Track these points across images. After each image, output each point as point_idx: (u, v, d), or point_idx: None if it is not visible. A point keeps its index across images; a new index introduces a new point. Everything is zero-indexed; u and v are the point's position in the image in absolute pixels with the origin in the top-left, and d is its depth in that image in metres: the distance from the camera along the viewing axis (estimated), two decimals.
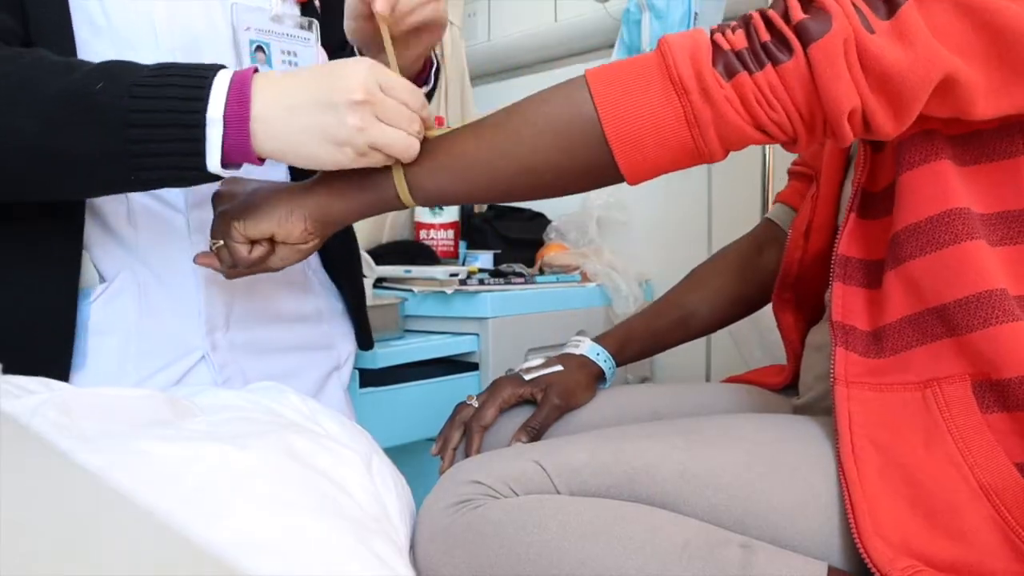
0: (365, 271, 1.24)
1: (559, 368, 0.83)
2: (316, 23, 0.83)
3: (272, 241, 0.66)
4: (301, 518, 0.42)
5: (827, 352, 0.74)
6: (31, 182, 0.59)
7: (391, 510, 0.55)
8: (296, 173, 0.86)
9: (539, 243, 1.62)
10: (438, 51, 1.76)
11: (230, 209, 0.65)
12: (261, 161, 0.60)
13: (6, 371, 0.53)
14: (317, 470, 0.48)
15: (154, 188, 0.64)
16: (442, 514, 0.60)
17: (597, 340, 0.89)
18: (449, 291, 1.21)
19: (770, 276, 0.90)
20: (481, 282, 1.25)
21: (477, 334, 1.21)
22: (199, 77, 0.56)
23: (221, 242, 0.66)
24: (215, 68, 0.58)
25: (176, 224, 0.76)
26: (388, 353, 1.09)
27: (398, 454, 0.72)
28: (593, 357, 0.86)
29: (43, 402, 0.45)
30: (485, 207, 1.72)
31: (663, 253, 1.58)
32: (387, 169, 0.62)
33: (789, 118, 0.54)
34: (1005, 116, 0.55)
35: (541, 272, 1.52)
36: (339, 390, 0.92)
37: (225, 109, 0.56)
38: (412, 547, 0.59)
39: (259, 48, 0.77)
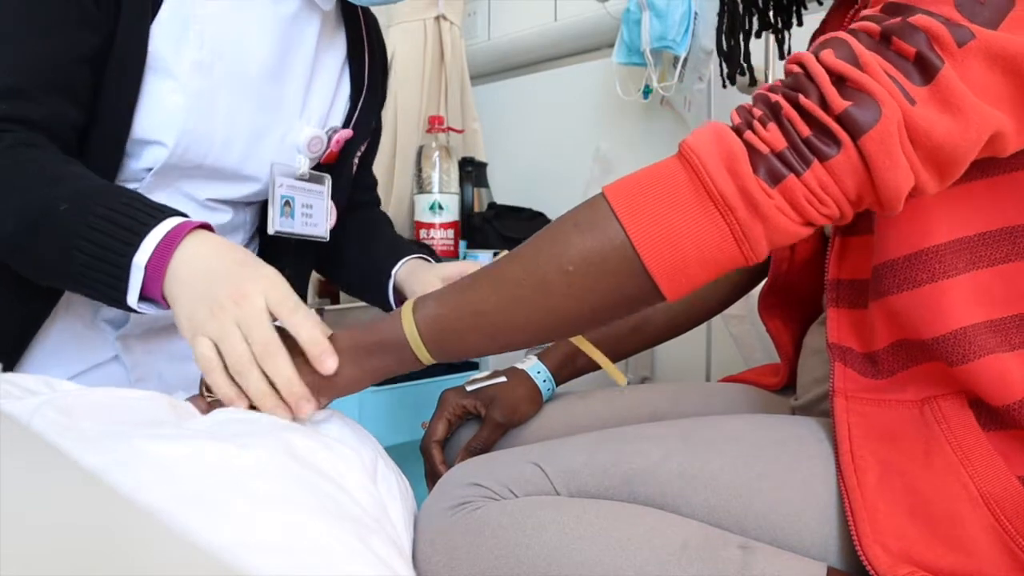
0: None
1: (502, 380, 0.82)
2: (329, 179, 0.96)
3: None
4: (301, 517, 0.42)
5: (824, 356, 0.74)
6: (12, 263, 0.70)
7: (394, 514, 0.55)
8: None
9: None
10: (438, 48, 1.77)
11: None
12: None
13: None
14: (317, 469, 0.49)
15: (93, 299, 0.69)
16: (441, 516, 0.60)
17: (543, 356, 0.87)
18: None
19: (730, 279, 0.89)
20: None
21: None
22: (142, 224, 0.62)
23: (217, 399, 0.59)
24: (161, 216, 0.63)
25: None
26: None
27: (398, 453, 0.72)
28: (534, 376, 0.84)
29: (44, 402, 0.45)
30: (485, 206, 1.72)
31: None
32: (402, 332, 0.57)
33: (839, 208, 0.50)
34: None
35: None
36: None
37: (150, 258, 0.61)
38: (412, 549, 0.59)
39: (287, 202, 0.92)
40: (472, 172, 1.71)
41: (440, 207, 1.56)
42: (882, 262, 0.59)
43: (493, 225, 1.63)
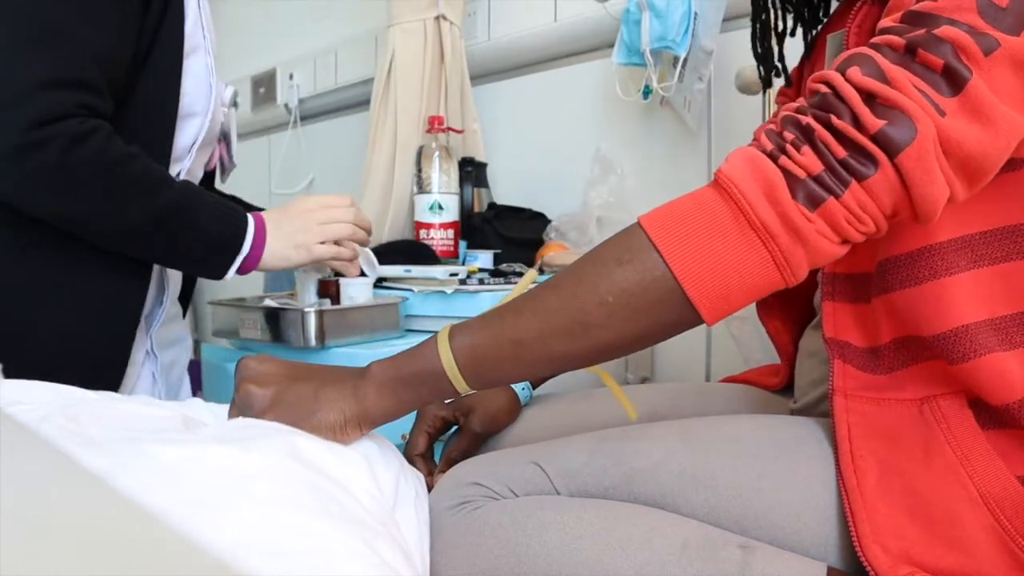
0: (367, 270, 1.24)
1: None
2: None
3: None
4: (305, 519, 0.43)
5: (820, 358, 0.74)
6: (121, 247, 0.84)
7: (403, 519, 0.55)
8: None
9: (539, 242, 1.61)
10: (439, 48, 1.77)
11: (273, 417, 0.58)
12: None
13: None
14: (321, 472, 0.49)
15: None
16: (442, 515, 0.60)
17: None
18: (449, 291, 1.21)
19: None
20: (481, 282, 1.25)
21: None
22: (243, 220, 0.89)
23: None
24: (244, 211, 0.90)
25: None
26: (389, 353, 1.08)
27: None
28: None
29: (52, 410, 0.46)
30: (485, 206, 1.73)
31: None
32: (440, 362, 0.57)
33: (876, 224, 0.50)
34: None
35: (541, 271, 1.52)
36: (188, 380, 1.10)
37: (250, 250, 0.89)
38: None
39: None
40: (472, 172, 1.70)
41: (440, 207, 1.56)
42: (886, 258, 0.59)
43: (493, 225, 1.63)
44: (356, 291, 1.20)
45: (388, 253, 1.46)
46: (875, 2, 0.61)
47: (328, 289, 1.26)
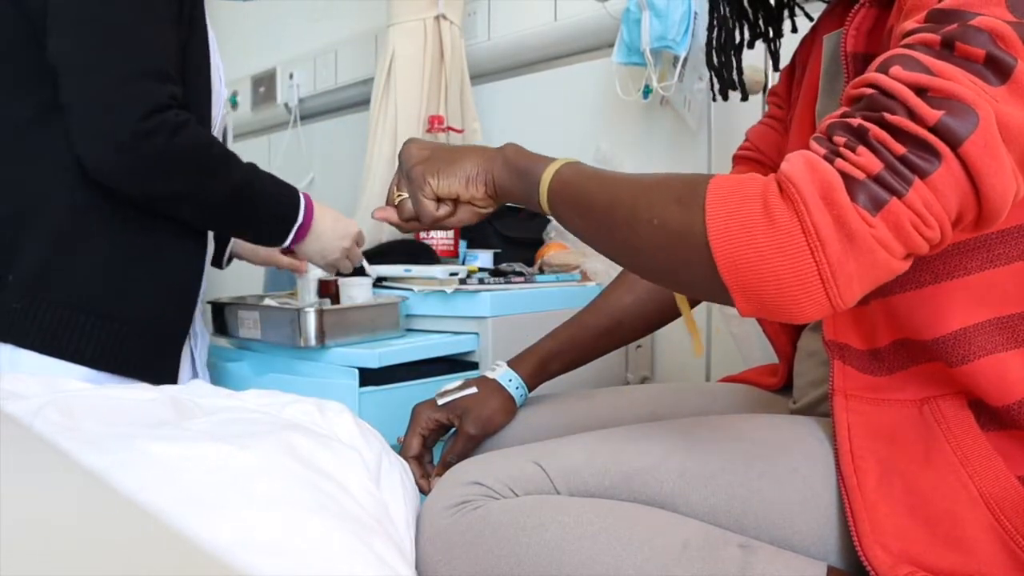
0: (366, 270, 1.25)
1: (473, 391, 0.83)
2: None
3: (456, 202, 0.67)
4: (301, 517, 0.43)
5: (819, 359, 0.74)
6: (207, 221, 1.01)
7: (395, 513, 0.55)
8: None
9: (539, 242, 1.61)
10: (439, 47, 1.77)
11: (424, 166, 0.66)
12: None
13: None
14: (317, 470, 0.49)
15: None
16: (442, 515, 0.60)
17: (514, 363, 0.87)
18: (449, 290, 1.21)
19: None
20: (481, 281, 1.25)
21: (477, 333, 1.21)
22: (297, 195, 1.03)
23: (406, 195, 0.68)
24: (296, 191, 1.04)
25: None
26: (388, 352, 1.08)
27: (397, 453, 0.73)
28: (505, 384, 0.84)
29: (46, 404, 0.46)
30: None
31: None
32: (543, 170, 0.61)
33: (941, 229, 0.46)
34: None
35: (541, 271, 1.52)
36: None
37: (301, 222, 1.03)
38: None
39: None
40: None
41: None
42: None
43: (493, 225, 1.62)
44: (356, 291, 1.20)
45: (388, 253, 1.46)
46: (874, 5, 0.61)
47: (328, 289, 1.26)
